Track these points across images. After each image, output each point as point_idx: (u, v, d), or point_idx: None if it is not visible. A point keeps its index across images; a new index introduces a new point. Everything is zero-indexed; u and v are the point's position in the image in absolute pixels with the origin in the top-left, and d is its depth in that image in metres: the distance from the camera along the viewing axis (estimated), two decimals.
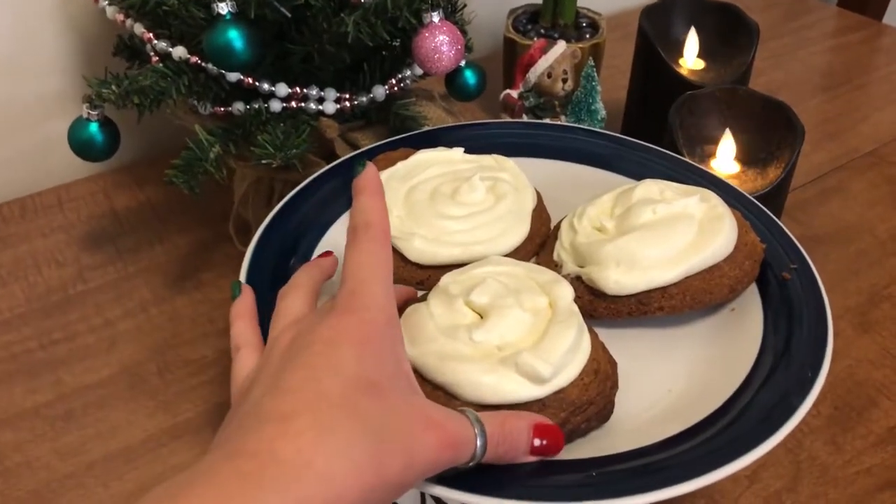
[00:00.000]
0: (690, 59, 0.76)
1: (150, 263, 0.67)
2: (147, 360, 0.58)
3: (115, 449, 0.52)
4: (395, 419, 0.31)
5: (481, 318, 0.41)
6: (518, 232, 0.50)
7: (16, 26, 0.71)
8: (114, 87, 0.51)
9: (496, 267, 0.45)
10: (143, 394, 0.56)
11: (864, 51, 1.05)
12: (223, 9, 0.49)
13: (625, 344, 0.45)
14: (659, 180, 0.50)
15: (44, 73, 0.74)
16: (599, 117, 0.70)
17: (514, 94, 0.71)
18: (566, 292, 0.43)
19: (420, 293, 0.47)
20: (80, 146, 0.55)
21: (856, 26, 1.11)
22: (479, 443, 0.34)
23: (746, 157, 0.67)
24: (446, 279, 0.44)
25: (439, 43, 0.52)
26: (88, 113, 0.54)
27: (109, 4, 0.57)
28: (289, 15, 0.52)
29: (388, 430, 0.30)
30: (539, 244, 0.52)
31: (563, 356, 0.39)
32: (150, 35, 0.54)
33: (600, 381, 0.40)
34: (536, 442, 0.36)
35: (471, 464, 0.34)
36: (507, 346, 0.39)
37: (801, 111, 0.67)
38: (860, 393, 0.58)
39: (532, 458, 0.37)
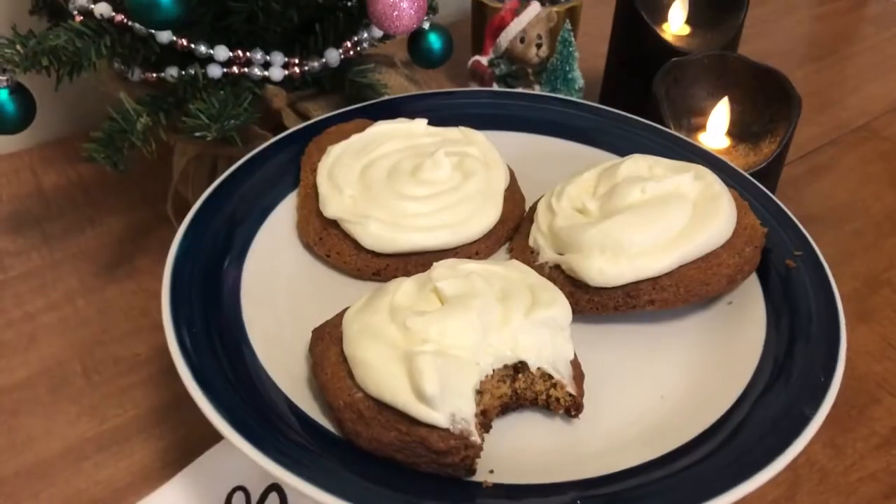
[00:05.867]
0: (676, 25, 0.70)
1: (80, 249, 0.60)
2: (71, 358, 0.52)
3: (30, 463, 0.46)
4: None
5: None
6: (488, 214, 0.45)
7: None
8: (18, 48, 0.44)
9: (505, 269, 0.39)
10: (64, 398, 0.49)
11: (850, 20, 1.00)
12: None
13: (611, 344, 0.39)
14: (647, 156, 0.45)
15: None
16: (577, 86, 0.64)
17: (484, 60, 0.65)
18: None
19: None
20: None
21: None
22: None
23: (737, 131, 0.61)
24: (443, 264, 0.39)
25: None
26: None
27: None
28: None
29: None
30: (512, 228, 0.47)
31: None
32: None
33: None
34: None
35: None
36: (437, 345, 0.34)
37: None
38: (860, 389, 0.53)
39: None
